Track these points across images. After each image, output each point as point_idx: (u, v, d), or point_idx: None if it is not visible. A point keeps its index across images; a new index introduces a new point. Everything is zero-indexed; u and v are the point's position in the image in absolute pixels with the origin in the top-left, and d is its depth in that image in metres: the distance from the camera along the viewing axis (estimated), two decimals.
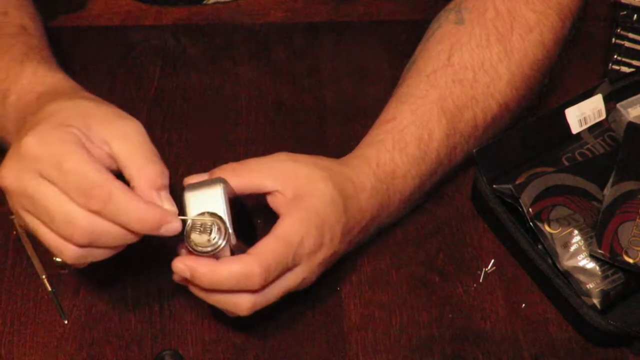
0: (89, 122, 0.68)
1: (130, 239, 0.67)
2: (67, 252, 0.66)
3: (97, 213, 0.65)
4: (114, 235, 0.66)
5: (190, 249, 0.69)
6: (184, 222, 0.69)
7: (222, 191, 0.69)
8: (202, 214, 0.68)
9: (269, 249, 0.70)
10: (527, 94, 0.87)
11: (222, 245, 0.68)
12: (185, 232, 0.68)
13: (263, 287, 0.71)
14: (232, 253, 0.70)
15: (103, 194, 0.64)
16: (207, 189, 0.69)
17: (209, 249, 0.68)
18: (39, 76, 0.77)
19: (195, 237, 0.68)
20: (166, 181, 0.68)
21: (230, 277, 0.69)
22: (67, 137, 0.66)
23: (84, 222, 0.65)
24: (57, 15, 1.01)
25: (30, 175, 0.65)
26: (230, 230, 0.69)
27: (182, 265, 0.70)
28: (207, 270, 0.69)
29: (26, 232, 0.83)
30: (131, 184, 0.68)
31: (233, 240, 0.69)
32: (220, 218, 0.68)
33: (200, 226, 0.68)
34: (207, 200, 0.69)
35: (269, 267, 0.70)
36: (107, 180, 0.65)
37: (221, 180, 0.70)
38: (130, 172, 0.68)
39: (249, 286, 0.70)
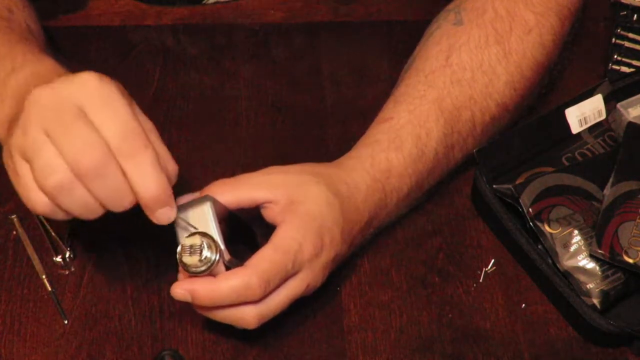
0: (132, 103, 0.67)
1: (120, 202, 0.65)
2: (57, 173, 0.62)
3: (121, 157, 0.63)
4: (115, 183, 0.63)
5: (186, 271, 0.69)
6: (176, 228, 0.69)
7: (209, 209, 0.69)
8: (192, 234, 0.68)
9: (265, 258, 0.70)
10: (526, 95, 0.87)
11: (215, 263, 0.68)
12: (177, 256, 0.68)
13: (264, 297, 0.71)
14: (228, 268, 0.70)
15: (139, 144, 0.63)
16: (194, 209, 0.69)
17: (202, 268, 0.68)
18: (61, 69, 0.76)
19: (187, 259, 0.68)
20: (174, 181, 0.68)
21: (231, 292, 0.69)
22: (125, 93, 0.65)
23: (100, 151, 0.62)
24: (57, 15, 1.01)
25: (74, 100, 0.63)
26: (222, 247, 0.68)
27: (181, 290, 0.70)
28: (207, 289, 0.69)
29: (26, 232, 0.83)
30: None
31: (226, 256, 0.69)
32: (210, 237, 0.68)
33: (190, 248, 0.68)
34: (196, 220, 0.69)
35: (268, 277, 0.70)
36: (147, 138, 0.64)
37: (208, 199, 0.70)
38: None
39: (250, 297, 0.70)
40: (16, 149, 0.65)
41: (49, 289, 0.80)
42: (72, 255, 0.82)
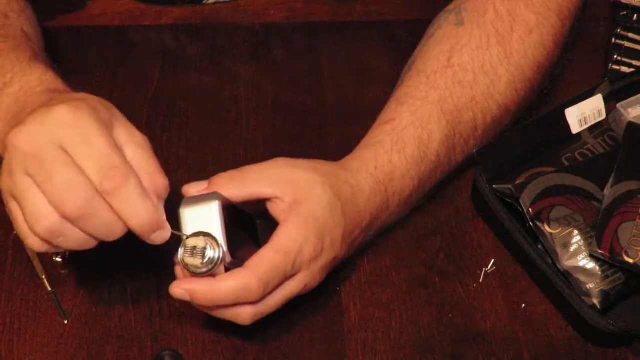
0: (113, 120, 0.67)
1: (112, 234, 0.65)
2: (45, 219, 0.63)
3: (105, 194, 0.63)
4: (104, 220, 0.64)
5: (187, 271, 0.69)
6: (177, 236, 0.69)
7: (217, 208, 0.69)
8: (196, 234, 0.68)
9: (265, 260, 0.70)
10: (527, 95, 0.87)
11: (217, 266, 0.68)
12: (179, 255, 0.68)
13: (263, 297, 0.71)
14: (228, 269, 0.70)
15: (120, 178, 0.63)
16: (202, 206, 0.69)
17: (203, 270, 0.68)
18: (49, 77, 0.76)
19: (189, 260, 0.68)
20: (166, 196, 0.68)
21: (230, 293, 0.69)
22: (100, 118, 0.65)
23: (83, 193, 0.63)
24: (56, 15, 1.01)
25: (51, 140, 0.63)
26: (225, 249, 0.68)
27: (180, 289, 0.70)
28: (206, 290, 0.69)
29: None
30: None
31: (228, 259, 0.69)
32: (213, 237, 0.68)
33: (193, 249, 0.68)
34: (202, 218, 0.69)
35: (267, 279, 0.70)
36: (128, 168, 0.64)
37: (217, 197, 0.69)
38: (140, 176, 0.66)
39: (249, 299, 0.70)
40: (5, 191, 0.66)
41: (49, 289, 0.80)
42: (72, 255, 0.82)
